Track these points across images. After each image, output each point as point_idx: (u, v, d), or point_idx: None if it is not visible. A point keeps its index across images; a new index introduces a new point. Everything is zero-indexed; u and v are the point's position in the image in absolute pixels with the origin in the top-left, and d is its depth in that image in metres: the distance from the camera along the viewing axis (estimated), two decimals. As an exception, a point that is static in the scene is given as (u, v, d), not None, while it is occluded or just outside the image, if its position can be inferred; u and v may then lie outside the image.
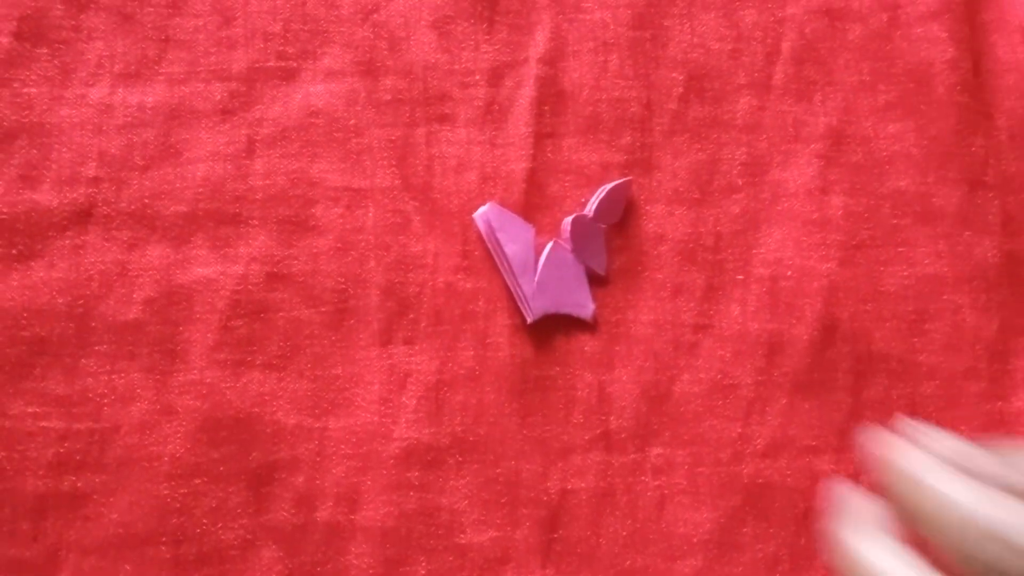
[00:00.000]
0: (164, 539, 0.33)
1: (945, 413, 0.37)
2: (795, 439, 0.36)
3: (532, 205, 0.37)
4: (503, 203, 0.36)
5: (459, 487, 0.34)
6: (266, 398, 0.35)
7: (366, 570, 0.34)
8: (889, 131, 0.38)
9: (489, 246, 0.36)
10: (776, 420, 0.36)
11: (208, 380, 0.34)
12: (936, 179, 0.38)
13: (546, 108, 0.37)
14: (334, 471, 0.34)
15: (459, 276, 0.36)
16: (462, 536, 0.34)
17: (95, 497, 0.33)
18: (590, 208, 0.36)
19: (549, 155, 0.37)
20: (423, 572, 0.34)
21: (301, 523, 0.34)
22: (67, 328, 0.34)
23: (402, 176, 0.36)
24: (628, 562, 0.35)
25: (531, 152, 0.37)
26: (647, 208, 0.37)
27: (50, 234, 0.35)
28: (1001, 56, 0.39)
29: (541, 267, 0.36)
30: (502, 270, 0.36)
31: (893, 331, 0.37)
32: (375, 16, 0.38)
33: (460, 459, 0.35)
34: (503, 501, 0.34)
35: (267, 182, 0.36)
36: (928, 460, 0.21)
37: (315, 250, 0.36)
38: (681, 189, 0.37)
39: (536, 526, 0.34)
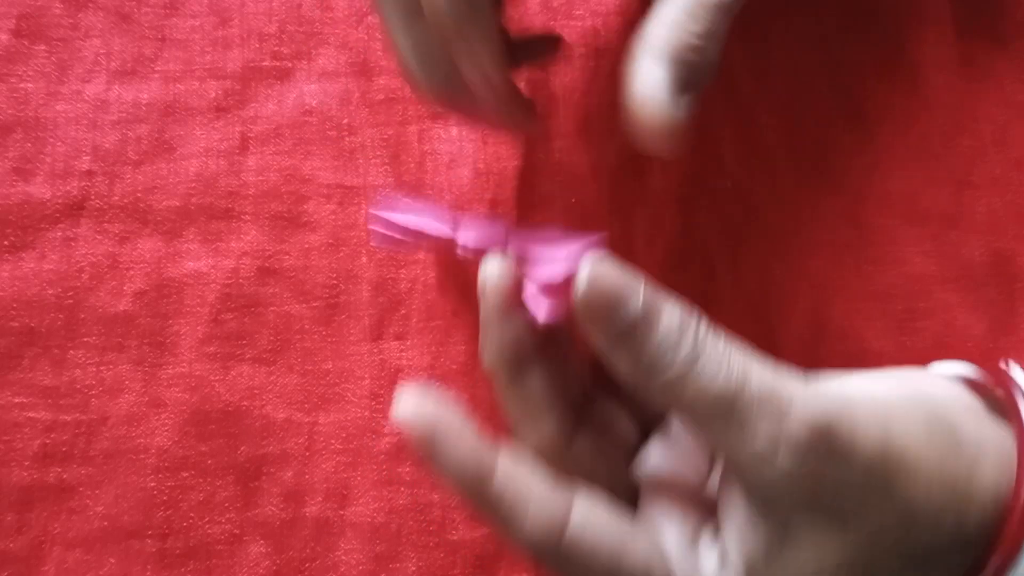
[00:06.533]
0: (150, 532, 0.33)
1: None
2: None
3: (524, 202, 0.37)
4: (495, 199, 0.36)
5: (451, 483, 0.34)
6: (255, 392, 0.34)
7: (355, 566, 0.33)
8: (876, 132, 0.39)
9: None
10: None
11: (197, 373, 0.34)
12: (923, 179, 0.38)
13: (537, 110, 0.38)
14: (323, 466, 0.34)
15: (450, 272, 0.36)
16: (454, 532, 0.34)
17: (81, 489, 0.33)
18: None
19: (540, 155, 0.37)
20: (413, 569, 0.33)
21: (290, 518, 0.33)
22: (56, 319, 0.34)
23: (395, 173, 0.37)
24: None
25: (522, 151, 0.37)
26: (639, 212, 0.37)
27: (42, 226, 0.35)
28: (980, 62, 0.40)
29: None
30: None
31: (884, 329, 0.37)
32: (369, 18, 0.38)
33: (452, 455, 0.34)
34: (495, 498, 0.34)
35: (260, 178, 0.36)
36: None
37: (307, 245, 0.36)
38: (671, 191, 0.38)
39: (528, 524, 0.34)
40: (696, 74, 0.26)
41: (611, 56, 0.39)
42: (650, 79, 0.26)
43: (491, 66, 0.28)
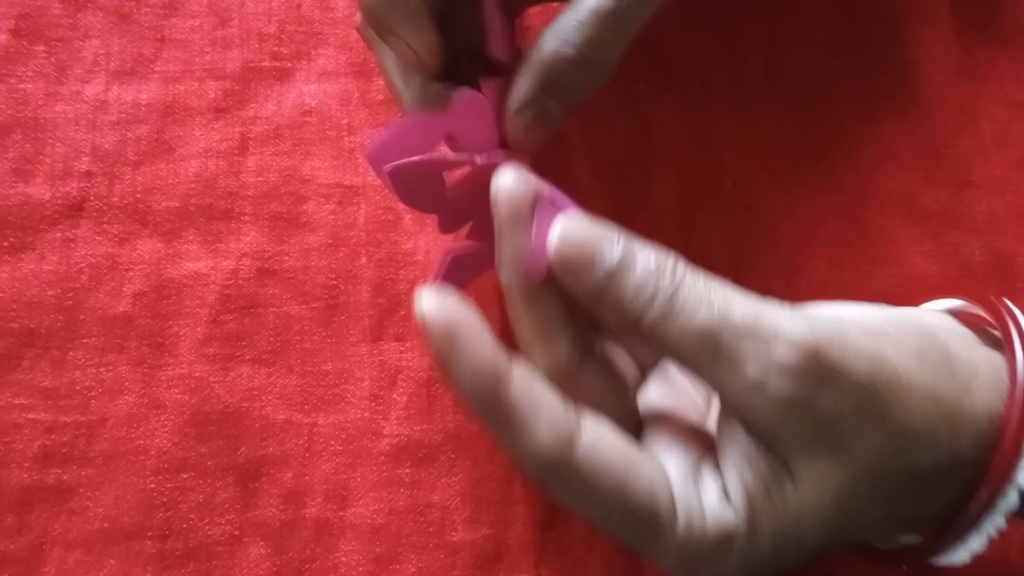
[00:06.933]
0: (150, 534, 0.33)
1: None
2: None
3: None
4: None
5: (451, 484, 0.34)
6: (255, 393, 0.34)
7: (355, 567, 0.33)
8: (877, 132, 0.39)
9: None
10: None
11: (197, 374, 0.34)
12: (923, 179, 0.38)
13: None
14: (323, 467, 0.34)
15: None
16: (454, 534, 0.34)
17: (81, 490, 0.33)
18: None
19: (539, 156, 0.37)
20: (413, 570, 0.33)
21: (289, 519, 0.33)
22: (56, 320, 0.34)
23: (394, 173, 0.37)
24: (623, 563, 0.34)
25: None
26: (639, 213, 0.37)
27: (42, 227, 0.35)
28: (980, 62, 0.40)
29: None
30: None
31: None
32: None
33: (452, 456, 0.34)
34: (496, 499, 0.34)
35: (259, 179, 0.36)
36: None
37: (306, 246, 0.36)
38: (671, 190, 0.38)
39: (530, 525, 0.34)
40: (566, 84, 0.28)
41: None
42: (516, 91, 0.28)
43: (417, 46, 0.29)
